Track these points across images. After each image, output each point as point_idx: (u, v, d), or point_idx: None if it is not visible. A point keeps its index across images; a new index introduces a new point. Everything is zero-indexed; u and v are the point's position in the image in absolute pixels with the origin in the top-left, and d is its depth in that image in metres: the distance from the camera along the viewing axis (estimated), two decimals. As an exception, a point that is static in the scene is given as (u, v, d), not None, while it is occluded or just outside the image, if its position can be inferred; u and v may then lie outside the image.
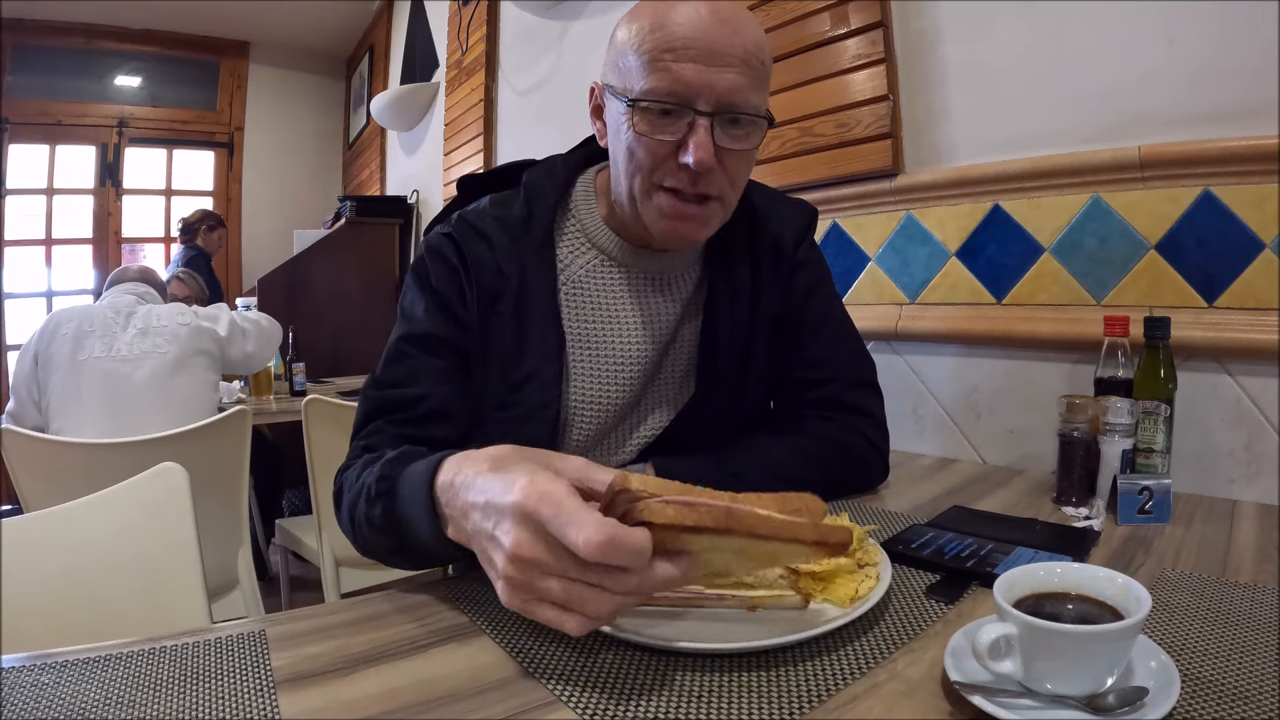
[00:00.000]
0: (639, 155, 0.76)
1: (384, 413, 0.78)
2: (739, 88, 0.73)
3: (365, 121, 4.70)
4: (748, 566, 0.56)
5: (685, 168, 0.73)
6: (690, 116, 0.73)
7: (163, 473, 0.95)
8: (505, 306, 0.82)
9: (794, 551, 0.48)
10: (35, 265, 4.46)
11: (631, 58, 0.74)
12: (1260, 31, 0.95)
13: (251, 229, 5.11)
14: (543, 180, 0.88)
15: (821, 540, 0.47)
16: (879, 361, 0.97)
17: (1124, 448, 0.85)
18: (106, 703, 0.48)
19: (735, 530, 0.45)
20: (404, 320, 0.84)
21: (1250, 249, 0.97)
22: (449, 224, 0.86)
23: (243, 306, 2.93)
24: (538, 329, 0.82)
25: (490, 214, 0.86)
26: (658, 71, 0.72)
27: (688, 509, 0.45)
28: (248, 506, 1.74)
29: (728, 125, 0.74)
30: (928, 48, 1.36)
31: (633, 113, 0.74)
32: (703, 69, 0.71)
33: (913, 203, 1.37)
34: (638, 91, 0.73)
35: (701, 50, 0.71)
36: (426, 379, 0.80)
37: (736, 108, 0.73)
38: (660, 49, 0.72)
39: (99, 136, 4.66)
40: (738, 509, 0.46)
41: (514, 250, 0.83)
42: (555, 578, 0.47)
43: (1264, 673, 0.48)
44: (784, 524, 0.47)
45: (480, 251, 0.83)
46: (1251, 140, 0.95)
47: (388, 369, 0.81)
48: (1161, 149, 1.03)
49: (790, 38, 1.54)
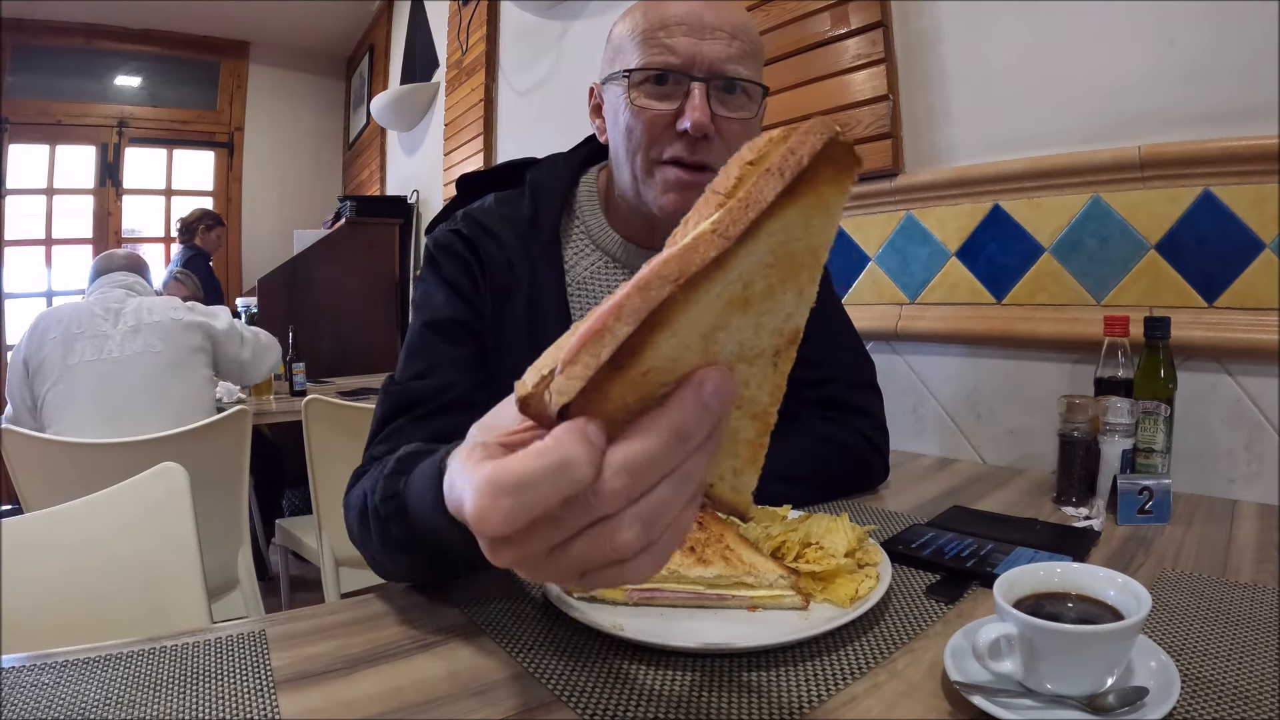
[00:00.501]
0: (637, 132, 0.77)
1: (406, 409, 0.76)
2: (730, 56, 0.75)
3: (365, 121, 4.70)
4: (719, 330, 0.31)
5: (684, 135, 0.75)
6: (686, 84, 0.75)
7: (163, 473, 0.95)
8: (517, 304, 0.82)
9: (764, 248, 0.29)
10: (35, 265, 4.46)
11: (627, 44, 0.78)
12: (1260, 31, 0.95)
13: (251, 229, 5.11)
14: (548, 180, 0.88)
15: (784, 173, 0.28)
16: (879, 361, 0.97)
17: (1124, 448, 0.85)
18: (106, 703, 0.48)
19: (667, 302, 0.27)
20: (422, 309, 0.83)
21: (1250, 249, 0.97)
22: (455, 221, 0.86)
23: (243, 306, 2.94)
24: (550, 328, 0.81)
25: (497, 212, 0.86)
26: (651, 47, 0.76)
27: (589, 337, 0.28)
28: (248, 506, 1.73)
29: (723, 93, 0.76)
30: (928, 48, 1.36)
31: (629, 87, 0.76)
32: (694, 41, 0.75)
33: (913, 203, 1.37)
34: (633, 67, 0.76)
35: (692, 25, 0.75)
36: (449, 368, 0.78)
37: (728, 74, 0.75)
38: (654, 28, 0.76)
39: (99, 136, 4.66)
40: (645, 276, 0.28)
41: (523, 250, 0.84)
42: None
43: (1264, 673, 0.48)
44: (731, 215, 0.28)
45: (490, 248, 0.83)
46: (1251, 140, 0.95)
47: (410, 362, 0.80)
48: (1161, 149, 1.03)
49: (790, 38, 1.54)
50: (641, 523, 0.30)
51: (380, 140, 4.50)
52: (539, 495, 0.29)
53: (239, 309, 3.60)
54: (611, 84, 0.80)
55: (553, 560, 0.31)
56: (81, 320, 1.81)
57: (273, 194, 5.19)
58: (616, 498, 0.29)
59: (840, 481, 0.91)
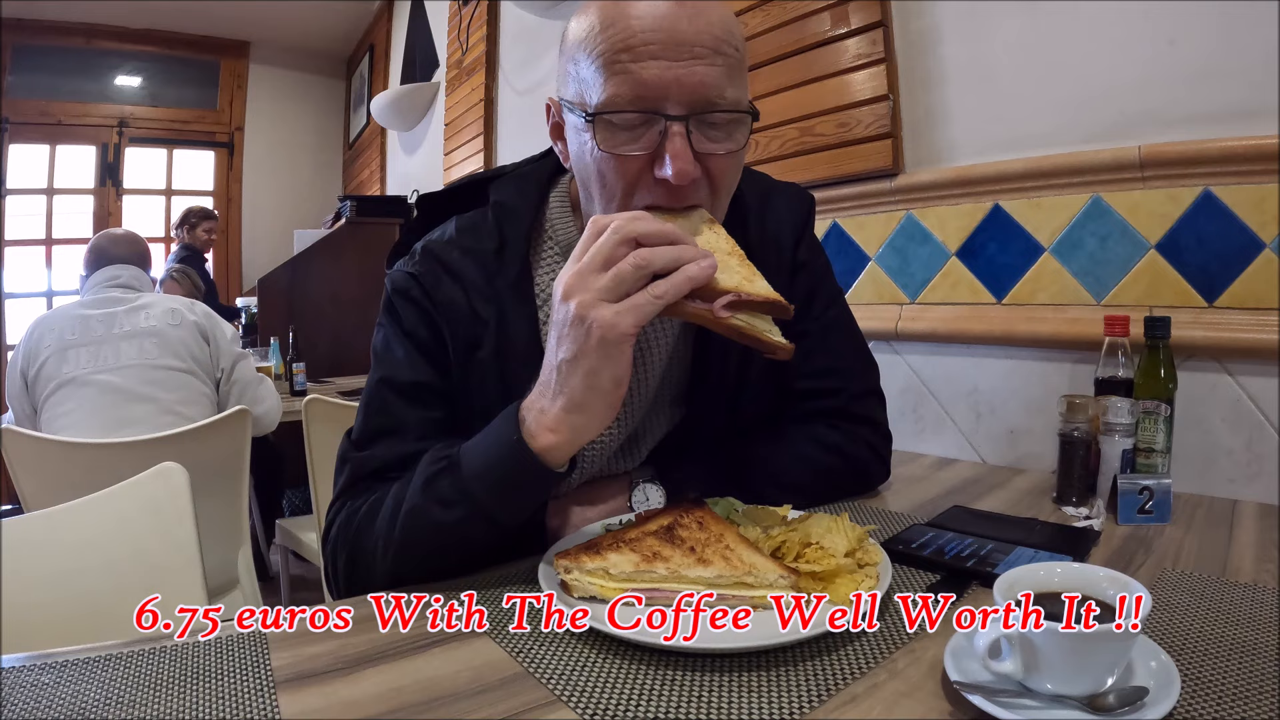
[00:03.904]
0: (610, 178, 0.66)
1: (368, 476, 0.73)
2: (712, 81, 0.63)
3: (365, 121, 4.70)
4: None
5: (664, 182, 0.64)
6: (661, 124, 0.63)
7: (163, 473, 0.95)
8: (485, 354, 0.76)
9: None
10: (35, 265, 4.46)
11: (585, 64, 0.65)
12: (1260, 31, 0.95)
13: (251, 229, 5.12)
14: (514, 200, 0.79)
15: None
16: (879, 361, 0.97)
17: (1124, 447, 0.85)
18: (106, 703, 0.48)
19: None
20: (382, 362, 0.78)
21: (1250, 249, 0.97)
22: (414, 258, 0.78)
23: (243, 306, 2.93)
24: (523, 375, 0.71)
25: (458, 244, 0.78)
26: (615, 76, 0.63)
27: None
28: (248, 506, 1.73)
29: (705, 127, 0.64)
30: (928, 48, 1.36)
31: (594, 128, 0.64)
32: (668, 65, 0.62)
33: (913, 202, 1.37)
34: (596, 103, 0.64)
35: (664, 43, 0.62)
36: (413, 433, 0.73)
37: (713, 105, 0.64)
38: (616, 49, 0.63)
39: (99, 136, 4.67)
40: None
41: (489, 288, 0.76)
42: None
43: (1264, 673, 0.48)
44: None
45: (451, 293, 0.76)
46: (1251, 140, 0.95)
47: (369, 423, 0.75)
48: (1161, 149, 1.03)
49: (790, 38, 1.54)
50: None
51: (380, 140, 4.51)
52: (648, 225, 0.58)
53: (239, 309, 3.61)
54: (570, 110, 0.68)
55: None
56: (75, 327, 1.73)
57: (273, 194, 5.19)
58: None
59: (842, 488, 0.90)
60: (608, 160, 0.65)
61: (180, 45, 4.84)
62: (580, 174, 0.71)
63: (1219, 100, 1.00)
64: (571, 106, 0.68)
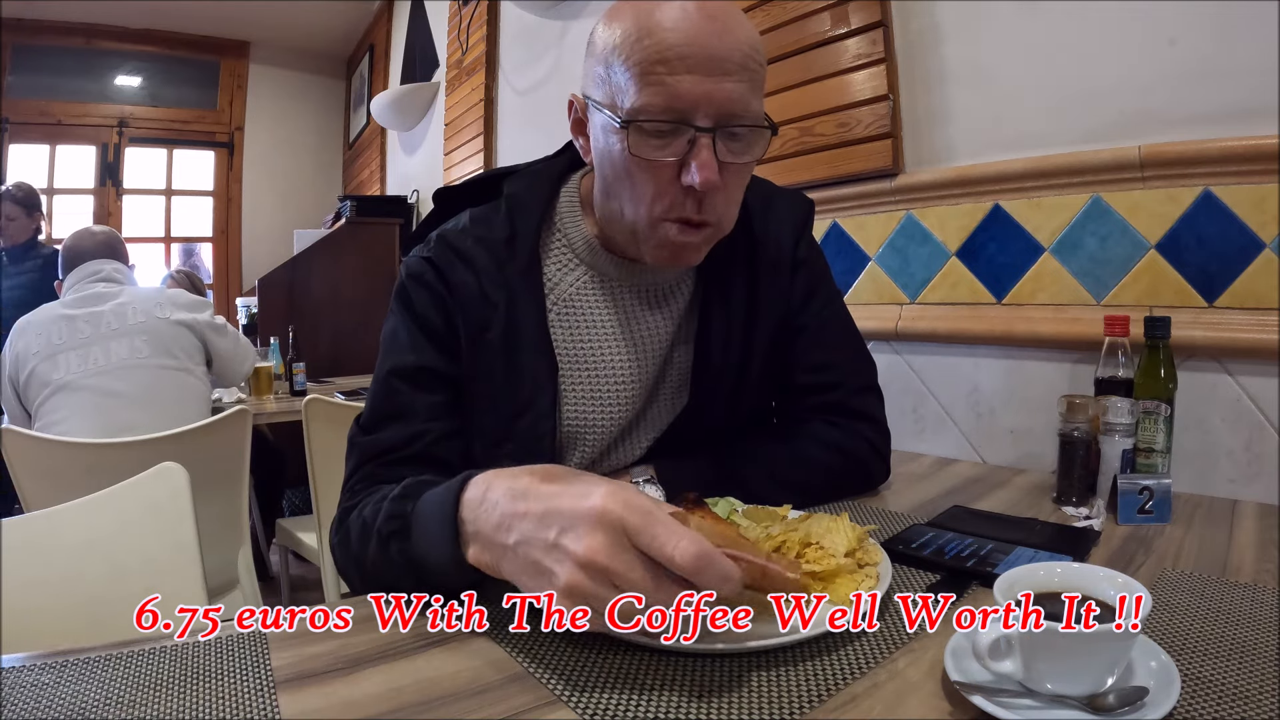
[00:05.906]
0: (641, 183, 0.71)
1: (375, 458, 0.74)
2: (738, 96, 0.67)
3: (365, 121, 4.70)
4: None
5: (689, 190, 0.69)
6: (689, 133, 0.68)
7: (163, 473, 0.95)
8: (494, 336, 0.78)
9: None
10: (35, 265, 4.45)
11: (619, 70, 0.69)
12: (1260, 31, 0.95)
13: (251, 229, 5.12)
14: (526, 194, 0.83)
15: None
16: (879, 361, 0.97)
17: (1124, 447, 0.85)
18: (106, 703, 0.48)
19: (764, 589, 0.51)
20: (389, 352, 0.79)
21: (1250, 249, 0.97)
22: (428, 245, 0.82)
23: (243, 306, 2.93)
24: (528, 358, 0.78)
25: (472, 234, 0.81)
26: (651, 86, 0.66)
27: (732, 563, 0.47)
28: (248, 506, 1.73)
29: (728, 139, 0.69)
30: (928, 48, 1.36)
31: (626, 134, 0.68)
32: (700, 79, 0.66)
33: (913, 202, 1.37)
34: (630, 109, 0.68)
35: (699, 59, 0.66)
36: (420, 416, 0.75)
37: (738, 118, 0.68)
38: (651, 60, 0.66)
39: (99, 136, 4.67)
40: (772, 570, 0.51)
41: (499, 275, 0.79)
42: (624, 589, 0.46)
43: (1264, 673, 0.48)
44: (796, 584, 0.52)
45: (463, 276, 0.79)
46: (1251, 140, 0.95)
47: (376, 408, 0.77)
48: (1161, 149, 1.03)
49: (790, 38, 1.54)
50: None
51: (380, 140, 4.51)
52: (712, 578, 0.45)
53: (239, 309, 3.61)
54: (599, 110, 0.72)
55: (605, 602, 0.47)
56: (61, 330, 1.68)
57: (273, 194, 5.19)
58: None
59: (842, 486, 0.91)
60: (638, 163, 0.70)
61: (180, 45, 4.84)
62: (604, 170, 0.75)
63: (1219, 100, 1.00)
64: (601, 107, 0.72)
